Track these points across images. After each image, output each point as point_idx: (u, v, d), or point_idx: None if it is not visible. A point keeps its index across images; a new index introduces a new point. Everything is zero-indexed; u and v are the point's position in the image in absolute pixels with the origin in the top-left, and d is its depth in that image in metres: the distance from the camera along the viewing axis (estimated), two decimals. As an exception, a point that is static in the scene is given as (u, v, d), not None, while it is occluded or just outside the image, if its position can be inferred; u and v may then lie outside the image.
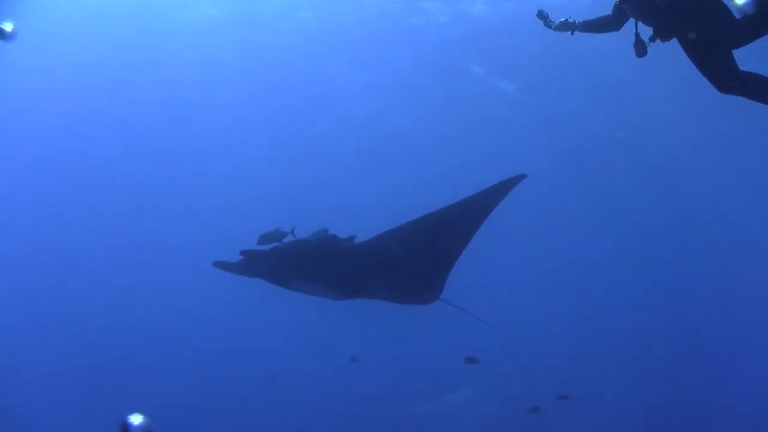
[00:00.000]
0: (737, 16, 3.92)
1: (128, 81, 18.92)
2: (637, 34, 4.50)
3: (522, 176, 5.69)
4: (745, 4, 3.75)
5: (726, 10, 4.06)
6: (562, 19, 5.08)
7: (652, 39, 4.40)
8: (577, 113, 19.01)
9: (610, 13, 4.79)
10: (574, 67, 16.77)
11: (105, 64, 18.04)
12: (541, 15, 5.14)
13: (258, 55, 17.70)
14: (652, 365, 17.70)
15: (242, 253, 6.23)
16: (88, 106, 19.75)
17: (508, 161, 16.49)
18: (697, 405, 15.32)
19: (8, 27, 5.11)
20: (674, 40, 4.29)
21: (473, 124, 19.99)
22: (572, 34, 5.12)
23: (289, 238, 6.41)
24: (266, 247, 6.35)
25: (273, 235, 6.49)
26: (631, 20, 4.54)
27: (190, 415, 15.13)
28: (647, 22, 4.37)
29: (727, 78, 4.10)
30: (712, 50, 4.10)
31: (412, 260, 6.07)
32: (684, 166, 20.49)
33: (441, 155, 21.62)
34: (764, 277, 20.01)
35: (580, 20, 5.04)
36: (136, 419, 2.30)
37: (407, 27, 16.32)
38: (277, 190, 22.25)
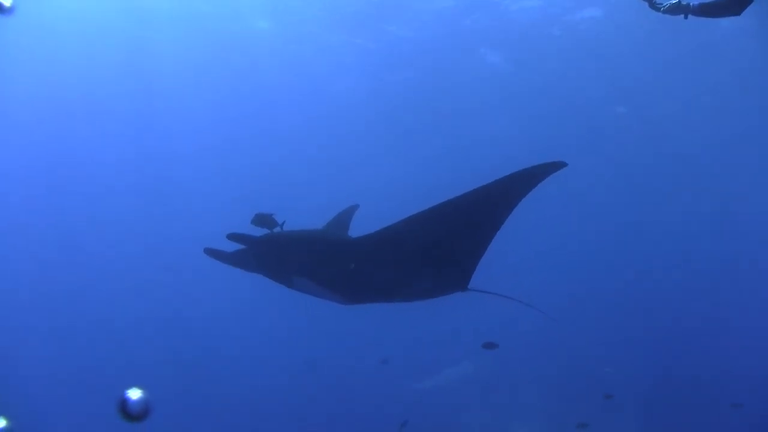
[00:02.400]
0: None
1: (119, 79, 18.72)
2: None
3: (561, 164, 4.53)
4: None
5: None
6: (674, 1, 4.37)
7: None
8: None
9: None
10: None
11: (98, 63, 17.82)
12: None
13: (248, 37, 17.24)
14: (660, 343, 17.80)
15: (229, 237, 5.33)
16: (84, 107, 19.71)
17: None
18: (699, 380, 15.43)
19: (7, 2, 5.09)
20: None
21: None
22: (685, 17, 4.38)
23: (276, 230, 5.69)
24: (259, 231, 5.57)
25: (267, 219, 5.78)
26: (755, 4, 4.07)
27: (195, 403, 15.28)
28: None
29: None
30: None
31: (436, 254, 5.09)
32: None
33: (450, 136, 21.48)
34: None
35: (696, 2, 4.34)
36: (134, 394, 2.32)
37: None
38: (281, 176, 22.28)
